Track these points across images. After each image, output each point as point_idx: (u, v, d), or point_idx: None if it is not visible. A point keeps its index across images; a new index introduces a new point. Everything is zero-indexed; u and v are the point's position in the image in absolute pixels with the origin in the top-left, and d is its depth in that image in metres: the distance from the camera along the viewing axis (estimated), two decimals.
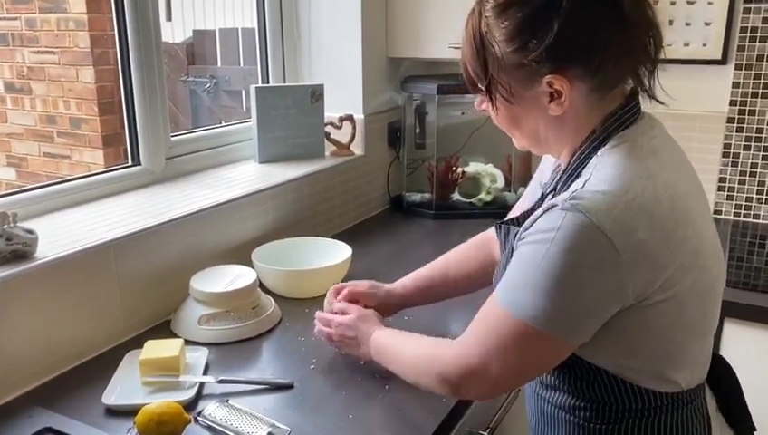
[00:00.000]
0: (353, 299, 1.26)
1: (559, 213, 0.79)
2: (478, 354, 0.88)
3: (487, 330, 0.87)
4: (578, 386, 0.92)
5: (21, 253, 1.13)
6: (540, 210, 0.83)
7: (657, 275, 0.80)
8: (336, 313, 1.23)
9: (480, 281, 1.24)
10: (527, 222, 0.86)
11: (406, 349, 1.06)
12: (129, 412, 1.05)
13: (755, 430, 1.01)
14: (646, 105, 0.91)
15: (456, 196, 2.23)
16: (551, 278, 0.79)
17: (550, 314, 0.80)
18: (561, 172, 0.93)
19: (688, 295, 0.84)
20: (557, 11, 0.80)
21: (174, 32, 3.34)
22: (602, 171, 0.82)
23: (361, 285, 1.29)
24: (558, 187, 0.91)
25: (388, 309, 1.29)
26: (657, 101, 0.89)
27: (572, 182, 0.85)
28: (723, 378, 0.99)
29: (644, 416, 0.89)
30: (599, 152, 0.85)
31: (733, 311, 1.53)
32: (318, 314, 1.26)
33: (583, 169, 0.86)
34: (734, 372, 1.01)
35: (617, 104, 0.87)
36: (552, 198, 0.85)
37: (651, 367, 0.87)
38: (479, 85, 0.92)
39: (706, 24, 2.01)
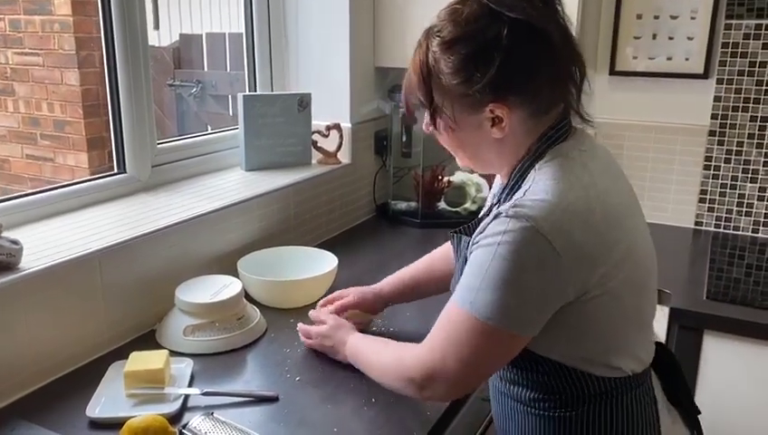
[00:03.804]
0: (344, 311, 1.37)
1: (503, 219, 0.88)
2: (438, 355, 0.95)
3: (446, 331, 0.95)
4: (534, 379, 1.00)
5: (5, 264, 1.13)
6: (488, 218, 0.92)
7: (592, 273, 0.89)
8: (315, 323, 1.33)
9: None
10: (479, 228, 0.95)
11: (376, 354, 1.14)
12: (113, 425, 1.05)
13: (699, 413, 1.11)
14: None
15: (442, 204, 2.25)
16: (499, 278, 0.87)
17: (501, 311, 0.88)
18: (503, 186, 1.01)
19: (622, 289, 0.93)
20: (498, 47, 0.89)
21: (160, 35, 3.33)
22: (540, 182, 0.91)
23: (348, 297, 1.38)
24: (502, 199, 1.00)
25: (376, 308, 1.40)
26: (585, 120, 1.00)
27: (514, 194, 0.94)
28: (667, 365, 1.08)
29: (596, 401, 0.97)
30: (536, 166, 0.95)
31: (712, 323, 1.55)
32: (300, 326, 1.35)
33: (522, 182, 0.95)
34: (677, 360, 1.10)
35: (549, 124, 0.97)
36: (498, 208, 0.93)
37: (597, 356, 0.96)
38: (424, 111, 1.01)
39: (689, 38, 2.04)
